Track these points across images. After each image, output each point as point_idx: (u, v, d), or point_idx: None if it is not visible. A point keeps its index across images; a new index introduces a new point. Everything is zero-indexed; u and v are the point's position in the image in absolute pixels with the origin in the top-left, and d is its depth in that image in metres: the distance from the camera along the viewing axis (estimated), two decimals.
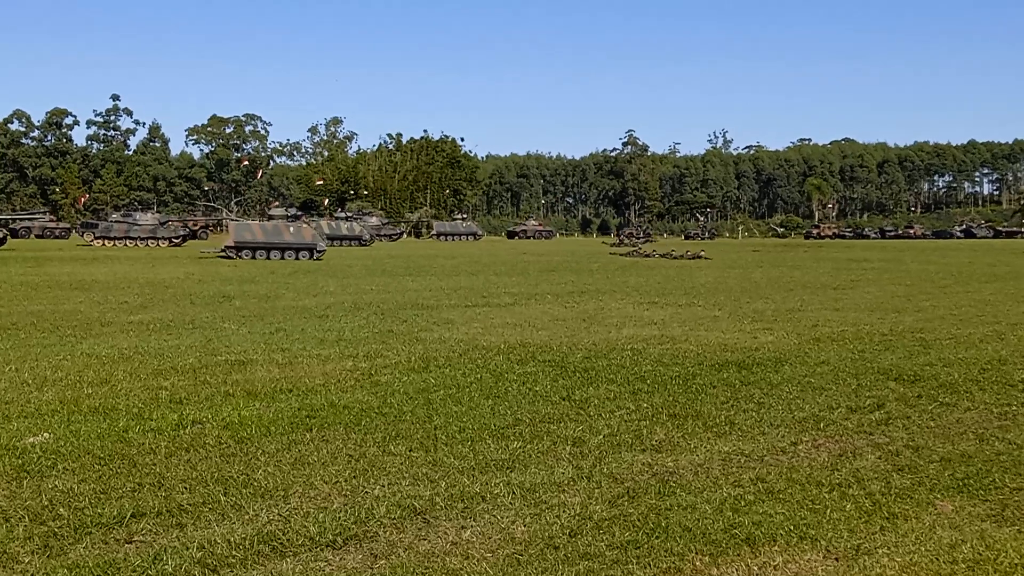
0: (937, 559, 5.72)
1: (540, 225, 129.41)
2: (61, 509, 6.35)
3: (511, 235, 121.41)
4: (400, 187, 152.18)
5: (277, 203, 74.58)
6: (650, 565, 5.54)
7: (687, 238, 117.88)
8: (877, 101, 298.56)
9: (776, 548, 5.82)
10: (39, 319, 17.74)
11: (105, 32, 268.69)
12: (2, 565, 5.46)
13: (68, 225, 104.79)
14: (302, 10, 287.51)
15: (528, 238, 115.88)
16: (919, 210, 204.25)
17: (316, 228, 66.98)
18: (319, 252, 50.73)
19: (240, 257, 49.07)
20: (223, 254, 50.01)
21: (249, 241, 50.29)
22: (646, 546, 5.80)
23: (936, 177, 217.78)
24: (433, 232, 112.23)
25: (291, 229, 51.27)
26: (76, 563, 5.47)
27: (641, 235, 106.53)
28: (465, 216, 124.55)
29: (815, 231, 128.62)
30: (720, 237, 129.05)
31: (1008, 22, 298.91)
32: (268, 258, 49.47)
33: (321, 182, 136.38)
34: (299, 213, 54.97)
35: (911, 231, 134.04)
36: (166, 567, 5.43)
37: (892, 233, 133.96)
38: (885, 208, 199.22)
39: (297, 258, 49.67)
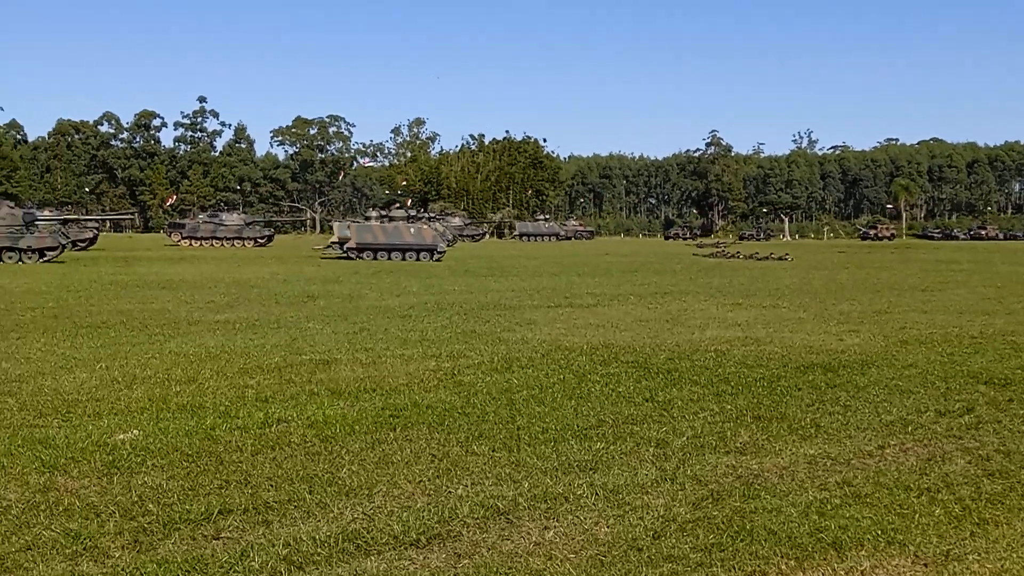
0: None
1: (581, 225, 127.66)
2: (150, 505, 6.44)
3: (522, 236, 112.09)
4: (482, 188, 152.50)
5: (398, 204, 74.64)
6: (734, 569, 5.49)
7: (741, 239, 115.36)
8: (966, 100, 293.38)
9: (863, 553, 5.74)
10: (128, 318, 18.03)
11: (191, 34, 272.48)
12: (93, 559, 5.54)
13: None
14: (387, 11, 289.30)
15: (531, 240, 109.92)
16: (1010, 211, 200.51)
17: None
18: (439, 253, 50.85)
19: (361, 258, 49.47)
20: (344, 255, 50.47)
21: (370, 243, 50.63)
22: (730, 549, 5.75)
23: None
24: (516, 233, 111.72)
25: (411, 230, 51.59)
26: (165, 558, 5.54)
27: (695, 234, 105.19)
28: (548, 217, 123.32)
29: (872, 232, 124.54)
30: (774, 239, 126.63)
31: None
32: (389, 259, 49.68)
33: (405, 183, 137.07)
34: (417, 215, 55.06)
35: (983, 232, 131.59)
36: (252, 564, 5.48)
37: (978, 234, 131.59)
38: (975, 209, 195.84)
39: (418, 259, 49.85)
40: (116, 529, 5.99)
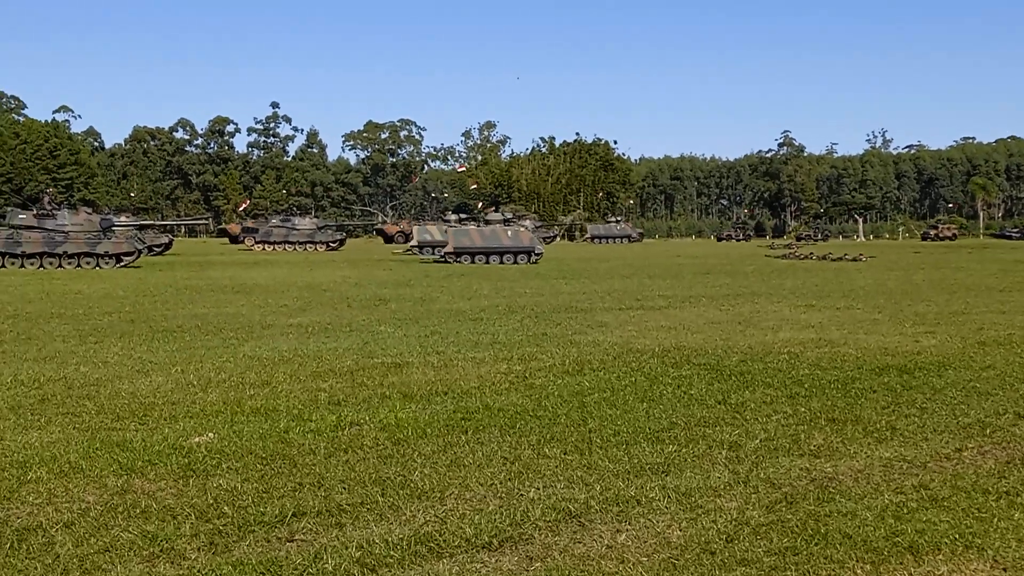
0: None
1: (628, 225, 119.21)
2: (225, 507, 6.50)
3: (593, 239, 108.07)
4: (553, 190, 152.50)
5: (493, 208, 74.81)
6: (809, 572, 5.44)
7: (799, 239, 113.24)
8: None
9: (940, 557, 5.66)
10: (203, 322, 18.25)
11: (265, 41, 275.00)
12: (170, 561, 5.61)
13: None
14: (458, 14, 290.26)
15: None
16: None
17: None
18: (537, 255, 50.92)
19: (459, 262, 49.55)
20: (442, 259, 50.71)
21: (468, 247, 50.71)
22: (805, 553, 5.69)
23: None
24: (587, 235, 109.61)
25: (509, 233, 51.64)
26: (240, 560, 5.59)
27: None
28: (620, 219, 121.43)
29: (933, 232, 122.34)
30: (833, 239, 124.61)
31: None
32: (487, 262, 49.75)
33: (475, 186, 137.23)
34: (514, 217, 55.22)
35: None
36: (326, 566, 5.52)
37: None
38: None
39: (515, 262, 49.92)
40: (192, 531, 6.06)
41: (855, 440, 8.45)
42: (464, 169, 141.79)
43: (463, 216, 74.31)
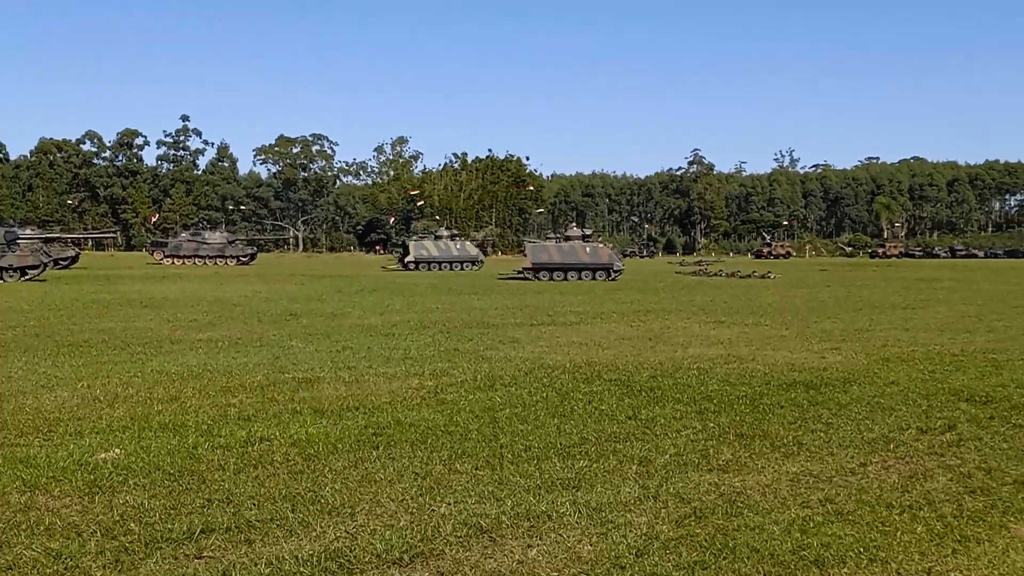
0: None
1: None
2: (132, 524, 6.41)
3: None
4: (466, 206, 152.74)
5: (574, 224, 74.42)
6: None
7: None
8: (946, 119, 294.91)
9: (845, 570, 5.75)
10: (110, 336, 17.98)
11: (174, 54, 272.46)
12: None
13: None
14: (368, 32, 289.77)
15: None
16: (991, 229, 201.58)
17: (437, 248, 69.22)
18: (616, 272, 50.65)
19: (538, 278, 49.23)
20: (522, 275, 50.45)
21: (546, 262, 50.39)
22: (713, 567, 5.75)
23: (1008, 196, 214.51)
24: (409, 258, 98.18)
25: (587, 249, 51.18)
26: None
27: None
28: (559, 235, 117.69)
29: (880, 250, 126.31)
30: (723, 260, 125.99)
31: None
32: (565, 278, 49.43)
33: (415, 192, 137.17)
34: (590, 232, 55.08)
35: (955, 251, 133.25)
36: None
37: (963, 252, 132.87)
38: (955, 227, 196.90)
39: (594, 277, 49.74)
40: (97, 548, 5.97)
41: (763, 455, 8.55)
42: (416, 193, 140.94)
43: (454, 233, 75.19)
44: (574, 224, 71.04)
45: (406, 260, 68.84)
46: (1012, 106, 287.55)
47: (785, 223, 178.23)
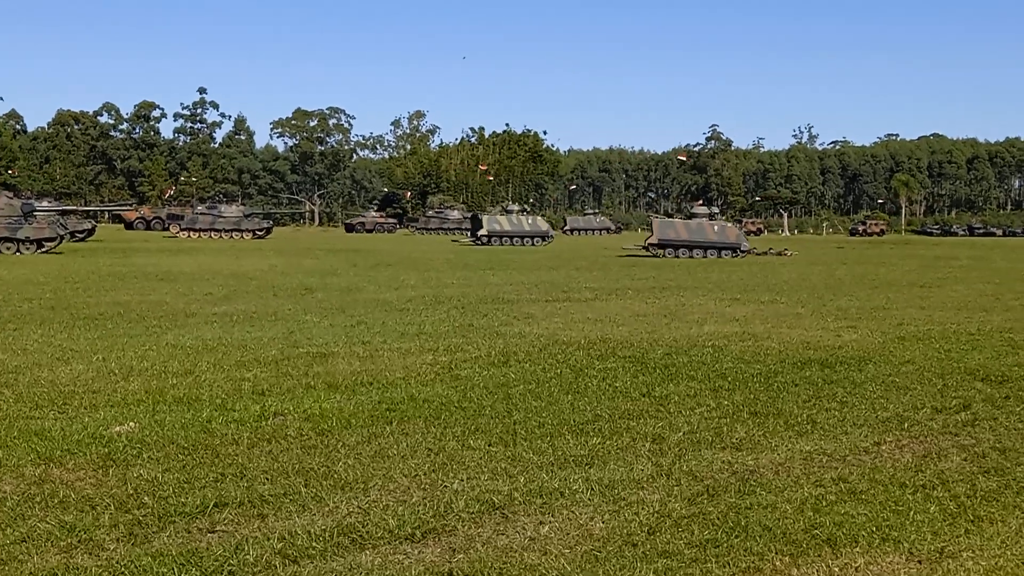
0: (1023, 564, 5.61)
1: (605, 218, 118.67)
2: (146, 498, 6.44)
3: (349, 228, 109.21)
4: (482, 181, 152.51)
5: (701, 201, 74.61)
6: (729, 564, 5.49)
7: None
8: (967, 96, 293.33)
9: (858, 549, 5.74)
10: (126, 309, 18.04)
11: (192, 26, 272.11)
12: (88, 552, 5.54)
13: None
14: (385, 4, 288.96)
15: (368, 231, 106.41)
16: (1009, 207, 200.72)
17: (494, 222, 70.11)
18: (743, 251, 50.62)
19: (664, 256, 49.29)
20: (648, 252, 50.48)
21: (673, 239, 50.42)
22: (725, 545, 5.75)
23: None
24: (566, 227, 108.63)
25: (715, 228, 51.20)
26: (160, 551, 5.54)
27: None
28: (598, 210, 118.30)
29: (861, 227, 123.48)
30: (773, 233, 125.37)
31: None
32: (691, 256, 49.36)
33: (484, 167, 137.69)
34: (717, 212, 55.09)
35: (973, 229, 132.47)
36: (247, 557, 5.48)
37: (981, 231, 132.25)
38: (974, 205, 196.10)
39: (719, 256, 49.72)
40: (111, 522, 5.99)
41: (776, 433, 8.54)
42: (485, 168, 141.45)
43: (524, 208, 76.03)
44: (700, 201, 70.59)
45: (479, 234, 69.49)
46: None
47: (801, 201, 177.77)
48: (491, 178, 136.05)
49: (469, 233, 73.61)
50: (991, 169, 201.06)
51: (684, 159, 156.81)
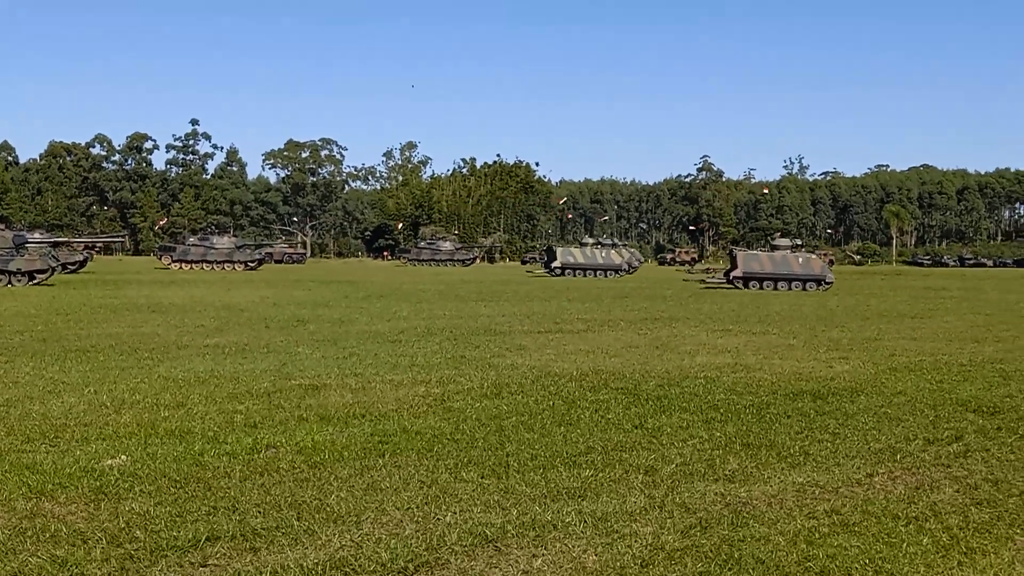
0: None
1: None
2: (137, 532, 6.42)
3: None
4: (474, 212, 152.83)
5: (780, 233, 74.00)
6: None
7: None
8: (957, 127, 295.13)
9: None
10: (117, 341, 18.00)
11: (185, 58, 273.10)
12: None
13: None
14: (379, 37, 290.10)
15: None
16: (1000, 238, 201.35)
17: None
18: (827, 283, 50.30)
19: (747, 288, 49.43)
20: (730, 284, 50.66)
21: (757, 272, 50.50)
22: None
23: (1018, 204, 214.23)
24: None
25: (800, 260, 51.06)
26: None
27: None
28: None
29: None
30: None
31: None
32: (775, 288, 49.49)
33: (563, 201, 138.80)
34: (800, 243, 55.06)
35: (964, 260, 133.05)
36: None
37: (972, 261, 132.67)
38: (964, 236, 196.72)
39: (804, 288, 49.49)
40: (103, 556, 5.97)
41: (769, 465, 8.54)
42: (563, 201, 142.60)
43: (601, 241, 76.35)
44: (779, 233, 70.41)
45: (552, 266, 70.89)
46: (1023, 114, 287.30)
47: (792, 232, 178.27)
48: (566, 209, 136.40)
49: (543, 265, 75.22)
50: (981, 200, 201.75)
51: (766, 192, 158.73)
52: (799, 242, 55.33)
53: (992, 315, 29.00)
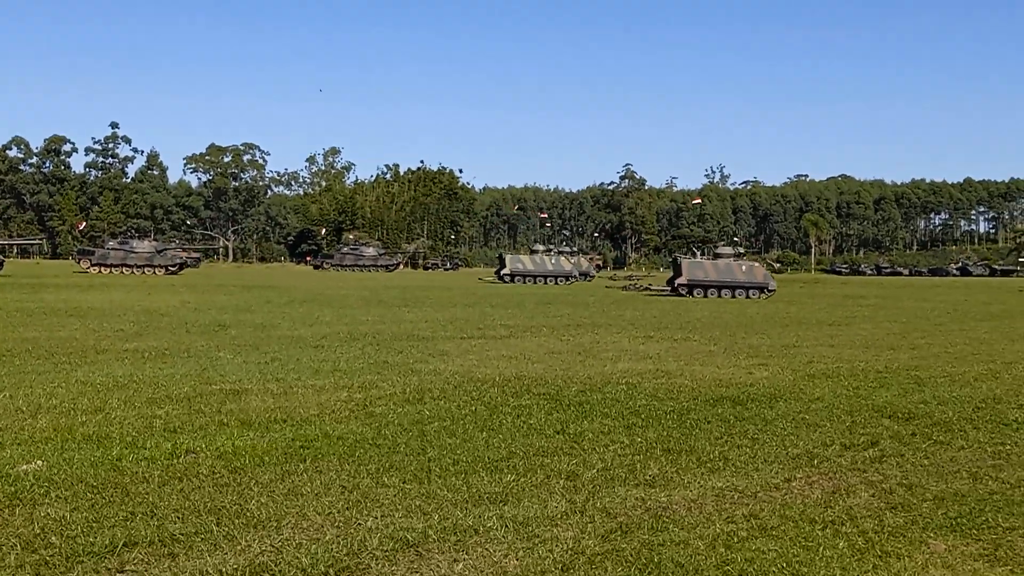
0: None
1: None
2: (53, 537, 6.33)
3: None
4: (397, 218, 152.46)
5: (724, 241, 73.67)
6: None
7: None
8: (874, 138, 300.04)
9: None
10: (34, 346, 17.72)
11: (104, 60, 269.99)
12: None
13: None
14: (301, 40, 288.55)
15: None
16: (915, 247, 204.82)
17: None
18: (770, 291, 50.52)
19: (692, 295, 49.66)
20: (673, 292, 50.90)
21: (701, 279, 50.52)
22: None
23: (932, 215, 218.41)
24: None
25: (743, 268, 51.10)
26: None
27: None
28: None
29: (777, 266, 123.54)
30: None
31: (1006, 64, 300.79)
32: (719, 296, 49.61)
33: (544, 216, 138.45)
34: (743, 252, 54.85)
35: (881, 269, 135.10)
36: None
37: (888, 270, 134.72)
38: (881, 245, 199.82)
39: (747, 296, 49.62)
40: (17, 562, 5.89)
41: (689, 470, 8.61)
42: (545, 216, 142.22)
43: (548, 248, 76.95)
44: (722, 242, 70.50)
45: (501, 273, 71.72)
46: (938, 126, 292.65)
47: (712, 240, 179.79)
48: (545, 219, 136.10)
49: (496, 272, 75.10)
50: (897, 210, 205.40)
51: (698, 202, 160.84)
52: (742, 250, 55.84)
53: (908, 323, 29.47)
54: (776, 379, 14.85)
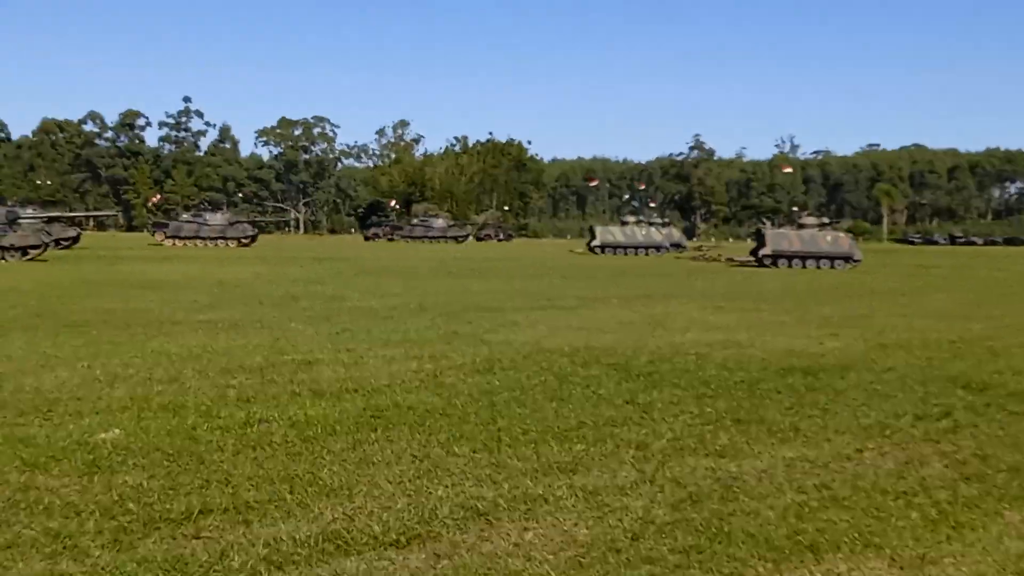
0: (1004, 570, 5.65)
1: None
2: (131, 504, 6.44)
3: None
4: (467, 189, 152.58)
5: (808, 210, 73.38)
6: (712, 571, 5.52)
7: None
8: (948, 106, 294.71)
9: (840, 556, 5.77)
10: (110, 317, 17.99)
11: (177, 35, 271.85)
12: (73, 558, 5.54)
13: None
14: (372, 14, 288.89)
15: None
16: (990, 216, 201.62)
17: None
18: (856, 261, 50.11)
19: (776, 266, 49.28)
20: (757, 262, 50.62)
21: (786, 250, 50.25)
22: (708, 551, 5.78)
23: (1008, 183, 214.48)
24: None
25: (828, 238, 50.83)
26: (145, 557, 5.54)
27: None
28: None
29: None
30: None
31: None
32: (804, 266, 49.27)
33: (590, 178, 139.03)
34: (832, 221, 54.80)
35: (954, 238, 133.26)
36: (232, 563, 5.49)
37: (962, 240, 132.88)
38: (955, 214, 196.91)
39: (832, 266, 49.29)
40: (96, 528, 6.00)
41: (759, 440, 8.58)
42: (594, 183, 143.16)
43: (639, 219, 76.71)
44: (807, 212, 69.28)
45: (592, 245, 71.41)
46: (1013, 94, 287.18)
47: (784, 211, 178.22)
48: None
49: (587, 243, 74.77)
50: (972, 179, 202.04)
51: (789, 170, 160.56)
52: (827, 220, 54.97)
53: (982, 293, 29.11)
54: (848, 349, 14.72)
